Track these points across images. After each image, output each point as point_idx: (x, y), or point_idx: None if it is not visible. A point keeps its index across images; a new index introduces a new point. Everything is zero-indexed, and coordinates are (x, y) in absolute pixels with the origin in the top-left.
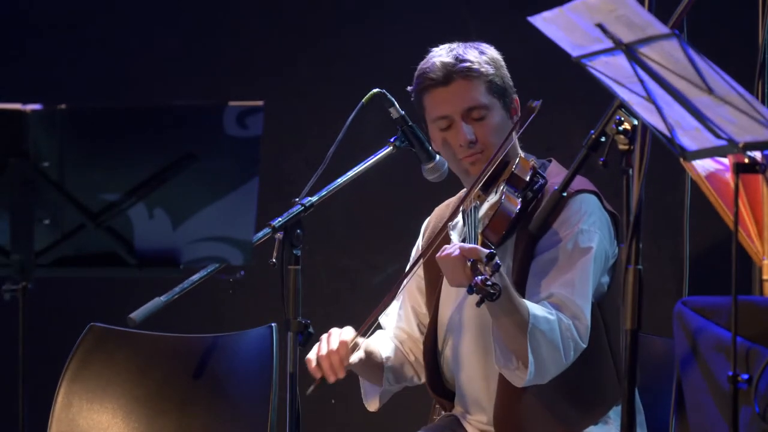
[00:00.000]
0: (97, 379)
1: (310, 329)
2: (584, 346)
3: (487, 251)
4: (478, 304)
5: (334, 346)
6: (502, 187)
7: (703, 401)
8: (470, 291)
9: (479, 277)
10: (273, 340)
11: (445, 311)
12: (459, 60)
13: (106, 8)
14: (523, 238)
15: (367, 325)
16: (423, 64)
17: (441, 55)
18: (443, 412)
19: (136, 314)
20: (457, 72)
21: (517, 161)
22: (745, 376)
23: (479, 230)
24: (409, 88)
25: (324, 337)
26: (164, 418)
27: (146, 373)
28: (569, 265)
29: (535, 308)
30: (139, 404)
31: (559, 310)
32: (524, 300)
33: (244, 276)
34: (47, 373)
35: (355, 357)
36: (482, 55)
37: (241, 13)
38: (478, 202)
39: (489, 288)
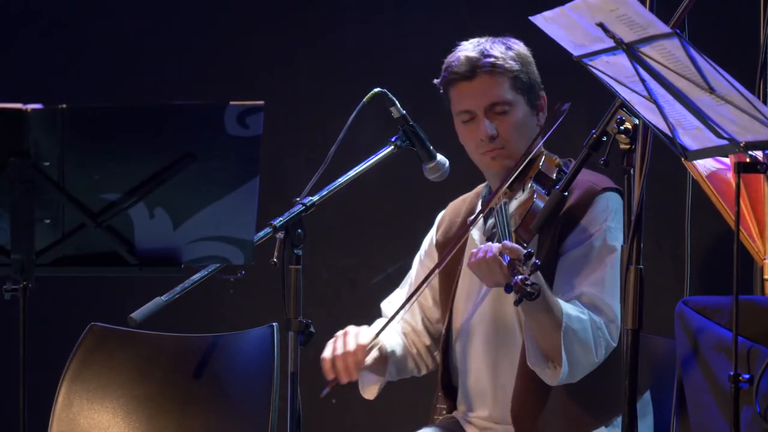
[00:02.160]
0: (97, 379)
1: (311, 329)
2: (614, 344)
3: (525, 250)
4: (517, 303)
5: (351, 347)
6: (530, 185)
7: (705, 401)
8: (508, 290)
9: (519, 277)
10: (274, 340)
11: (460, 307)
12: (484, 55)
13: (106, 8)
14: (548, 236)
15: (384, 327)
16: (449, 58)
17: (467, 49)
18: (444, 413)
19: (137, 314)
20: (481, 67)
21: (543, 159)
22: (747, 376)
23: (512, 228)
24: (435, 81)
25: (340, 334)
26: (164, 417)
27: (146, 372)
28: (598, 263)
29: (567, 307)
30: (140, 404)
31: (590, 309)
32: (557, 299)
33: (245, 275)
34: (47, 373)
35: (370, 359)
36: (509, 51)
37: (241, 13)
38: (506, 200)
39: (528, 287)
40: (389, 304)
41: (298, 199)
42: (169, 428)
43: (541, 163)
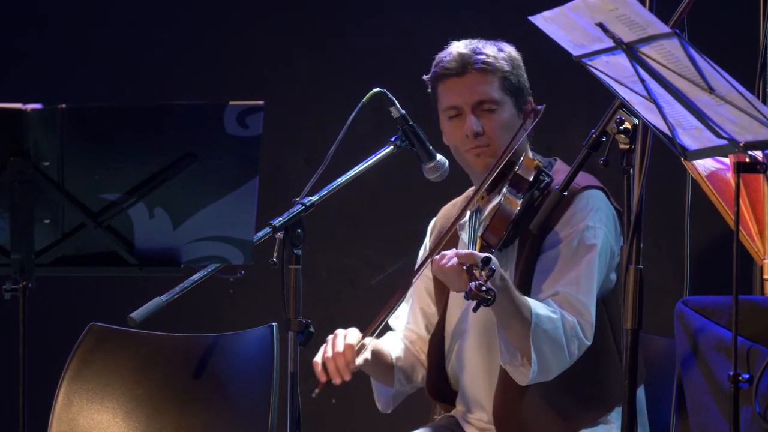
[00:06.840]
0: (97, 379)
1: (311, 329)
2: (588, 343)
3: (483, 256)
4: (475, 309)
5: (340, 348)
6: (504, 189)
7: (704, 401)
8: (466, 297)
9: (473, 283)
10: (273, 340)
11: (454, 312)
12: (476, 53)
13: (106, 8)
14: (528, 236)
15: (374, 326)
16: (440, 54)
17: (459, 46)
18: (443, 412)
19: (137, 314)
20: (472, 64)
21: (521, 161)
22: (746, 376)
23: (479, 233)
24: (425, 77)
25: (329, 338)
26: (164, 417)
27: (146, 372)
28: (574, 262)
29: (538, 307)
30: (139, 404)
31: (564, 308)
32: (527, 299)
33: (245, 275)
34: (47, 373)
35: (361, 359)
36: (501, 52)
37: (241, 13)
38: (480, 205)
39: (483, 294)
40: (396, 319)
41: (297, 199)
42: (168, 428)
43: (518, 167)
